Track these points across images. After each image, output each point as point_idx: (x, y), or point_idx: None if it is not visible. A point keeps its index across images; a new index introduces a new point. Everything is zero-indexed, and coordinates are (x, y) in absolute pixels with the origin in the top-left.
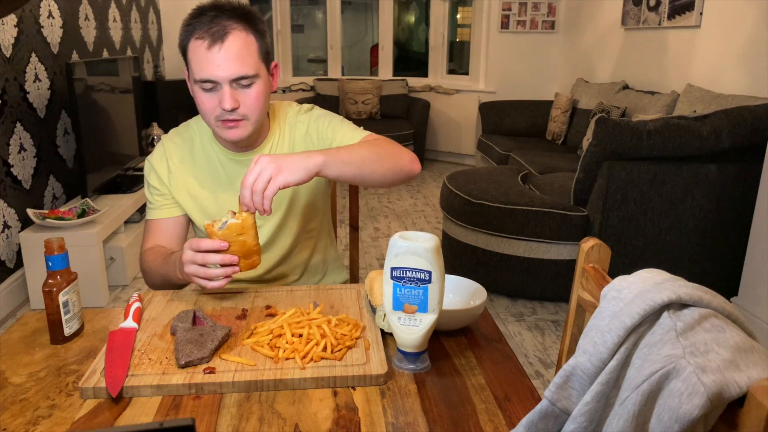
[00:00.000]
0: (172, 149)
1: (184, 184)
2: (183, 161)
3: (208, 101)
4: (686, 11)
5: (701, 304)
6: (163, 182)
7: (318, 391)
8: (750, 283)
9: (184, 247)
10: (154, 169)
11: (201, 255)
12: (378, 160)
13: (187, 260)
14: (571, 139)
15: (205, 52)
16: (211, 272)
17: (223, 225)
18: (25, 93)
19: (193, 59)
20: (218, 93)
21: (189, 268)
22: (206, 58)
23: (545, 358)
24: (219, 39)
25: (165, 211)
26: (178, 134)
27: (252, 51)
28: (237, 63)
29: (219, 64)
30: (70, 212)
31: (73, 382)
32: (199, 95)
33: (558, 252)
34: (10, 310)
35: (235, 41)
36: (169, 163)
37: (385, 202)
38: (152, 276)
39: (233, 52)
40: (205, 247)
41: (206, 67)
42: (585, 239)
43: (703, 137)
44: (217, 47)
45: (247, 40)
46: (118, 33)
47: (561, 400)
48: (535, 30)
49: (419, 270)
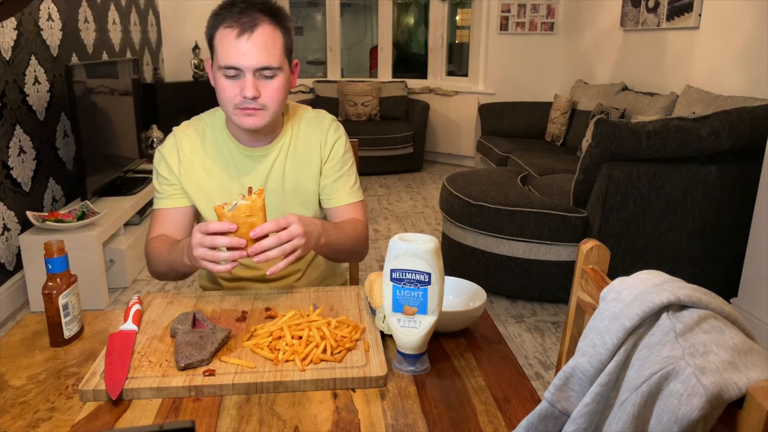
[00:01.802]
0: (184, 140)
1: (193, 174)
2: (194, 152)
3: (229, 88)
4: (685, 12)
5: (700, 306)
6: (172, 172)
7: (318, 393)
8: (749, 284)
9: (194, 231)
10: (164, 159)
11: (209, 238)
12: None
13: (196, 243)
14: (571, 141)
15: (234, 40)
16: (218, 255)
17: (233, 206)
18: (24, 95)
19: (220, 46)
20: (240, 81)
21: (197, 251)
22: (234, 46)
23: (545, 360)
24: (248, 29)
25: (172, 200)
26: (190, 125)
27: (278, 45)
28: (263, 53)
29: (246, 52)
30: (70, 215)
31: (73, 385)
32: (221, 82)
33: (557, 253)
34: (10, 312)
35: (263, 33)
36: (179, 153)
37: (384, 204)
38: (157, 263)
39: (260, 43)
40: (214, 229)
41: (233, 55)
42: (584, 240)
43: (702, 138)
44: (245, 36)
45: (275, 34)
46: (117, 35)
47: (561, 401)
48: (534, 31)
49: (419, 272)
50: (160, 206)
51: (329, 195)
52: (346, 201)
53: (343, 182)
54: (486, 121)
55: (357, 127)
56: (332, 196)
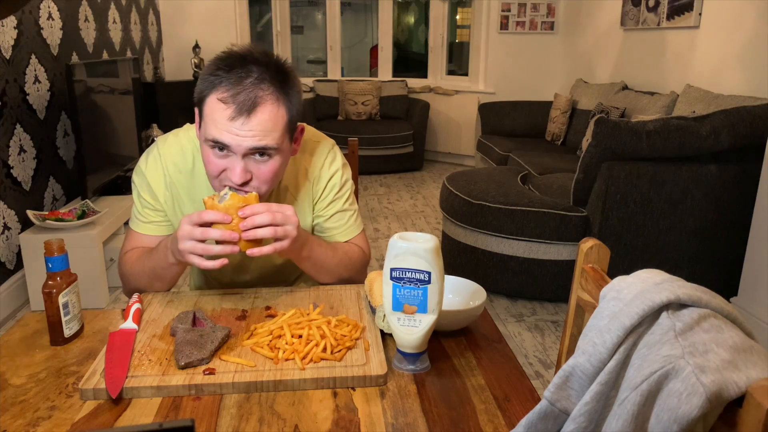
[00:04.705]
0: (170, 164)
1: (179, 204)
2: (181, 181)
3: (215, 164)
4: (685, 12)
5: (700, 305)
6: (157, 199)
7: (318, 392)
8: (749, 283)
9: (182, 222)
10: (148, 182)
11: (200, 229)
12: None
13: (184, 235)
14: (571, 140)
15: (226, 120)
16: (210, 248)
17: (225, 195)
18: (25, 94)
19: (209, 119)
20: (228, 159)
21: (185, 244)
22: (225, 125)
23: (545, 359)
24: (246, 112)
25: (154, 227)
26: (178, 145)
27: (279, 124)
28: (259, 135)
29: (239, 134)
30: (70, 213)
31: (73, 384)
32: (206, 153)
33: (558, 252)
34: (10, 311)
35: (263, 114)
36: (166, 179)
37: (384, 203)
38: (137, 275)
39: (258, 128)
40: (208, 218)
41: (222, 133)
42: (584, 240)
43: (702, 137)
44: (241, 120)
45: (277, 113)
46: (117, 34)
47: (560, 400)
48: (535, 31)
49: (419, 271)
50: (139, 229)
51: (322, 232)
52: (342, 238)
53: (336, 219)
54: (486, 120)
55: (357, 126)
56: (325, 233)
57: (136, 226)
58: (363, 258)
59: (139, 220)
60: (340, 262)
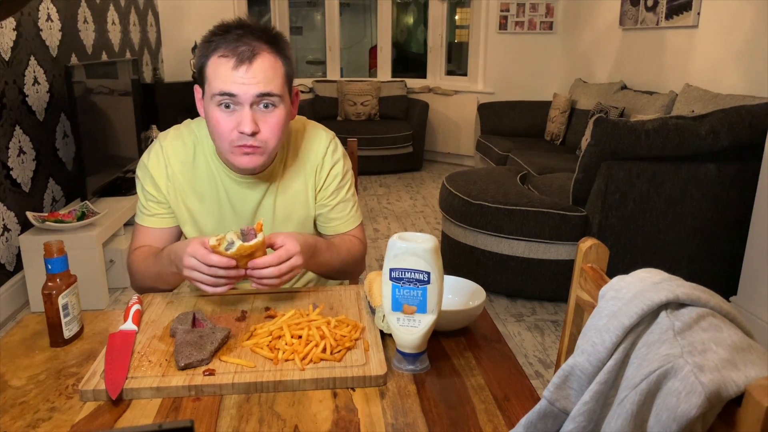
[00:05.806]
0: (172, 156)
1: (182, 196)
2: (183, 172)
3: (224, 122)
4: (684, 11)
5: (699, 304)
6: (160, 190)
7: (317, 393)
8: (749, 283)
9: (188, 253)
10: (151, 174)
11: (207, 268)
12: (336, 270)
13: (191, 266)
14: (570, 140)
15: (230, 71)
16: (215, 279)
17: (230, 245)
18: (24, 96)
19: (214, 75)
20: (236, 114)
21: (191, 273)
22: (230, 75)
23: (545, 359)
24: (247, 60)
25: (159, 220)
26: (178, 137)
27: (279, 74)
28: (263, 81)
29: (244, 82)
30: (70, 215)
31: (73, 385)
32: (214, 114)
33: (557, 252)
34: (10, 312)
35: (263, 62)
36: (168, 171)
37: (384, 203)
38: (143, 275)
39: (261, 74)
40: (213, 263)
41: (229, 83)
42: (583, 239)
43: (701, 137)
44: (244, 68)
45: (275, 63)
46: (116, 36)
47: (560, 399)
48: (534, 30)
49: (418, 271)
50: (144, 223)
51: (326, 222)
52: (345, 229)
53: (340, 209)
54: (485, 120)
55: (356, 126)
56: (329, 224)
57: (141, 219)
58: (362, 250)
59: (144, 214)
60: (344, 261)
